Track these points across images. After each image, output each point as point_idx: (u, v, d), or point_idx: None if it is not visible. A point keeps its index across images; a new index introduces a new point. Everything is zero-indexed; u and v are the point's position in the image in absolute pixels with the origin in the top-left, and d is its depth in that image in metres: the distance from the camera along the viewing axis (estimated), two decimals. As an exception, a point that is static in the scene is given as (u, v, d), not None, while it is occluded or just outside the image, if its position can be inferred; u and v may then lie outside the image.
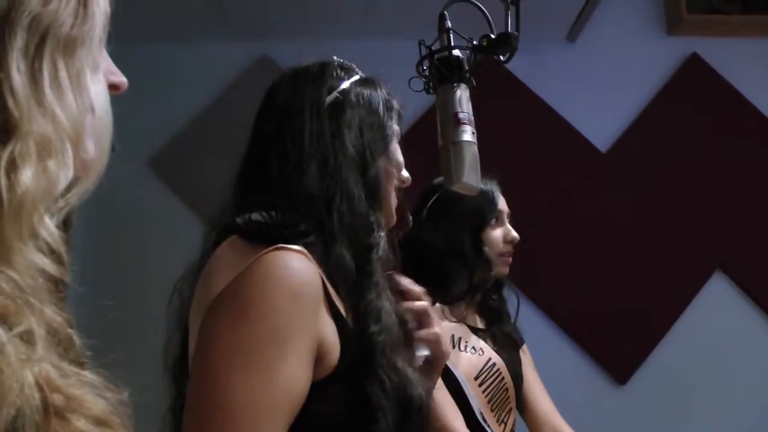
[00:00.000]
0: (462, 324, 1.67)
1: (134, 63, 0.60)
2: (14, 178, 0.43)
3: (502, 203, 1.75)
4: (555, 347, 2.59)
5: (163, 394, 1.00)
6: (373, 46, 2.53)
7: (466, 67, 1.19)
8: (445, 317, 1.63)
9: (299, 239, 0.90)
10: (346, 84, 1.05)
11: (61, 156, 0.46)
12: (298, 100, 1.03)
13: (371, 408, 0.90)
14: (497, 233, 1.71)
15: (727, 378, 2.59)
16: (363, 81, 1.08)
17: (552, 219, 2.64)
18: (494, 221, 1.71)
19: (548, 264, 2.59)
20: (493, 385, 1.63)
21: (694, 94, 2.76)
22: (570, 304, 2.61)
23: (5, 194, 0.42)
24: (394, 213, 1.10)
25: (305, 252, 0.89)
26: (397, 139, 1.11)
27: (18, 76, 0.45)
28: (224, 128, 1.99)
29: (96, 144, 0.53)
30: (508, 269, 1.73)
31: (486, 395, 1.61)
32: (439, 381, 1.19)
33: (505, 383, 1.65)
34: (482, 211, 1.69)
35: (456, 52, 1.19)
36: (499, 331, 1.75)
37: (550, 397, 1.77)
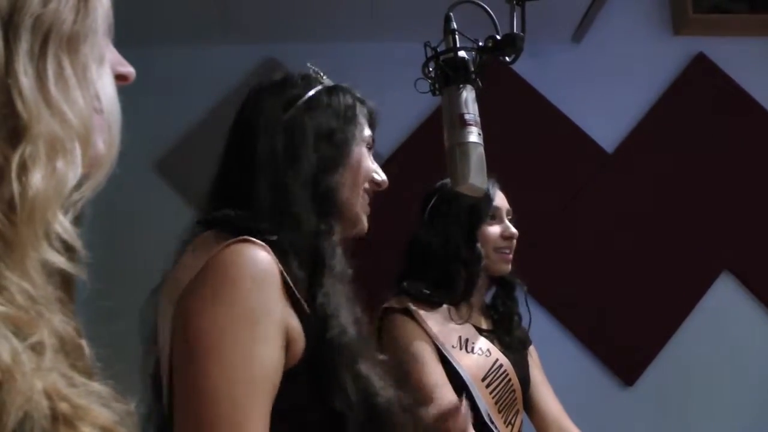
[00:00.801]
0: (469, 325, 1.67)
1: (140, 65, 0.60)
2: (25, 181, 0.43)
3: (500, 200, 1.74)
4: (562, 349, 2.58)
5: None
6: (379, 48, 2.53)
7: (472, 69, 1.19)
8: (452, 318, 1.63)
9: (263, 236, 0.94)
10: (307, 96, 1.07)
11: (70, 155, 0.47)
12: (256, 116, 1.07)
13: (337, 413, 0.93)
14: (494, 229, 1.71)
15: (735, 379, 2.57)
16: (326, 90, 1.10)
17: (559, 220, 2.64)
18: (491, 218, 1.71)
19: (555, 265, 2.58)
20: (501, 387, 1.62)
21: (701, 94, 2.75)
22: (576, 305, 2.60)
23: (18, 199, 0.43)
24: (363, 219, 1.12)
25: (267, 247, 0.93)
26: (367, 145, 1.12)
27: (26, 80, 0.45)
28: (230, 130, 1.99)
29: (105, 138, 0.53)
30: (510, 267, 1.73)
31: (493, 397, 1.60)
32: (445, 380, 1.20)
33: (513, 385, 1.65)
34: (477, 208, 1.69)
35: (461, 54, 1.19)
36: (506, 333, 1.74)
37: (558, 399, 1.77)
